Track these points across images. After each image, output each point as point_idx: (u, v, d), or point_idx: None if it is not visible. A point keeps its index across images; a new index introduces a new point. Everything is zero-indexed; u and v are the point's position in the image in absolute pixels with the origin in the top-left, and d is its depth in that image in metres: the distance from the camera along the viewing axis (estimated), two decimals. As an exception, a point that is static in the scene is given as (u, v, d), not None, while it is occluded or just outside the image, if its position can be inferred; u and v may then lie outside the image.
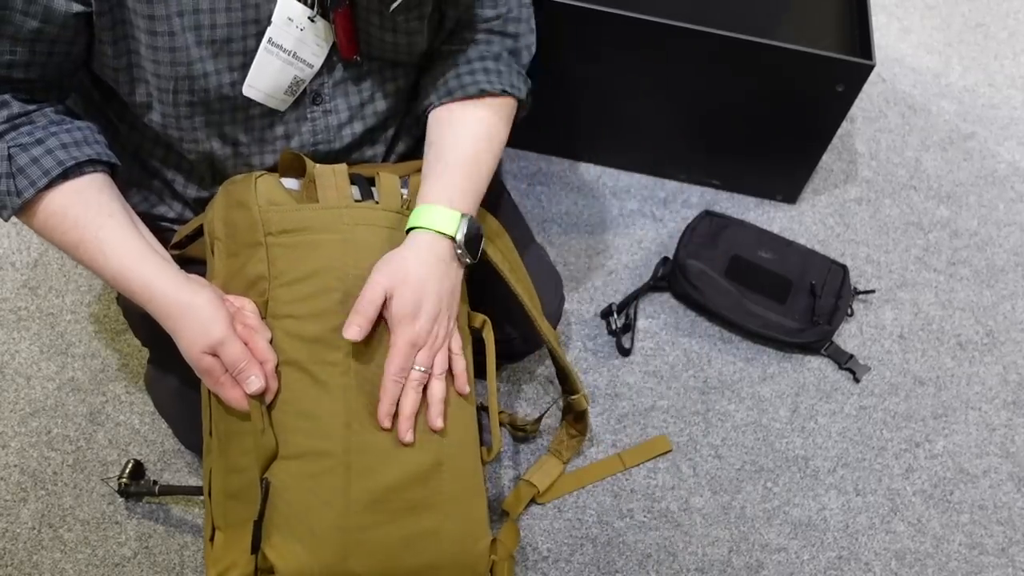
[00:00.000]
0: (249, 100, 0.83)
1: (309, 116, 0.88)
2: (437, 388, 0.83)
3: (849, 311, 1.30)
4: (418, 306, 0.81)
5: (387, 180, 0.90)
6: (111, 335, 1.19)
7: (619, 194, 1.43)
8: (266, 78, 0.81)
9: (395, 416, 0.81)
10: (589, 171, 1.46)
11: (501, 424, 1.13)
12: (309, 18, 0.80)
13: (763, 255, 1.32)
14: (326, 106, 0.88)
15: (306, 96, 0.86)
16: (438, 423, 0.82)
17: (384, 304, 0.81)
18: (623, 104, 1.34)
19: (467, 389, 0.86)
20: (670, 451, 1.16)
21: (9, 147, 0.77)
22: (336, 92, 0.88)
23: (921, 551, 1.12)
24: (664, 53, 1.24)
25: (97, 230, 0.79)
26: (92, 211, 0.79)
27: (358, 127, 0.91)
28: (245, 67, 0.80)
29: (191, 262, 0.88)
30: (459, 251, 0.85)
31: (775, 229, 1.41)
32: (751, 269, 1.30)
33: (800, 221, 1.43)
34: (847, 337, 1.30)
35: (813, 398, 1.23)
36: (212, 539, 0.80)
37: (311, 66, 0.83)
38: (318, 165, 0.88)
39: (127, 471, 1.05)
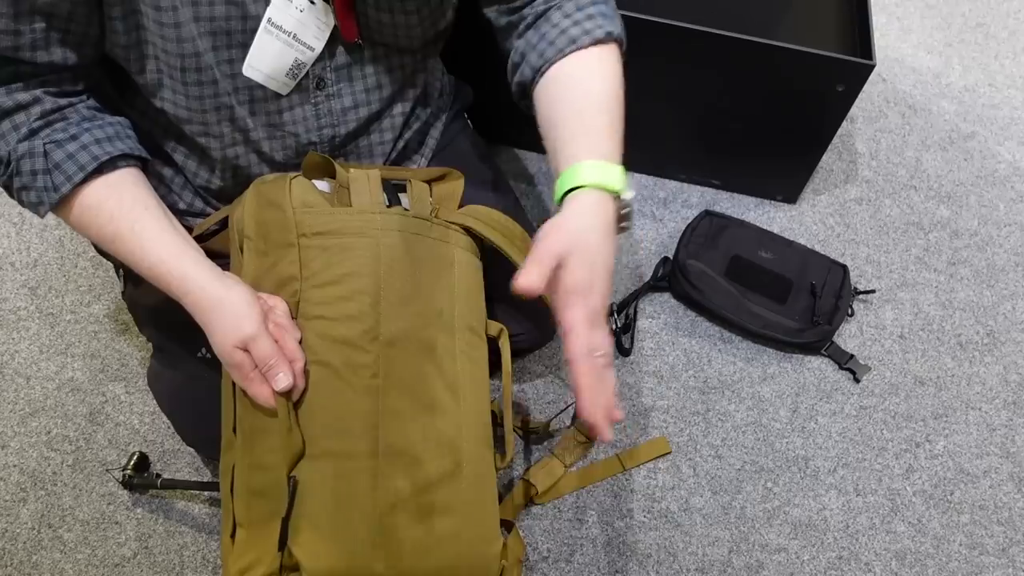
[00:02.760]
0: (251, 82, 0.83)
1: (313, 101, 0.88)
2: (610, 377, 0.72)
3: (849, 311, 1.30)
4: (593, 276, 0.71)
5: (418, 187, 0.91)
6: (111, 335, 1.19)
7: (619, 194, 1.43)
8: (266, 59, 0.82)
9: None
10: (589, 171, 1.46)
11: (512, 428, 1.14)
12: (309, 0, 0.80)
13: (763, 255, 1.32)
14: (329, 91, 0.88)
15: (309, 80, 0.86)
16: (618, 414, 0.73)
17: (560, 278, 0.71)
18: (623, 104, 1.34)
19: (619, 415, 0.74)
20: (669, 453, 1.16)
21: (44, 143, 0.78)
22: (339, 77, 0.88)
23: (921, 551, 1.12)
24: (664, 53, 1.24)
25: (132, 223, 0.80)
26: (127, 205, 0.80)
27: (363, 112, 0.92)
28: (245, 47, 0.81)
29: (212, 256, 0.89)
30: (625, 211, 0.76)
31: (775, 229, 1.40)
32: (751, 269, 1.30)
33: (800, 221, 1.43)
34: (847, 337, 1.30)
35: (813, 398, 1.23)
36: (233, 535, 0.80)
37: (312, 49, 0.83)
38: (352, 169, 0.89)
39: (132, 463, 1.05)
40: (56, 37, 0.76)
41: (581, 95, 0.81)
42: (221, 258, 0.87)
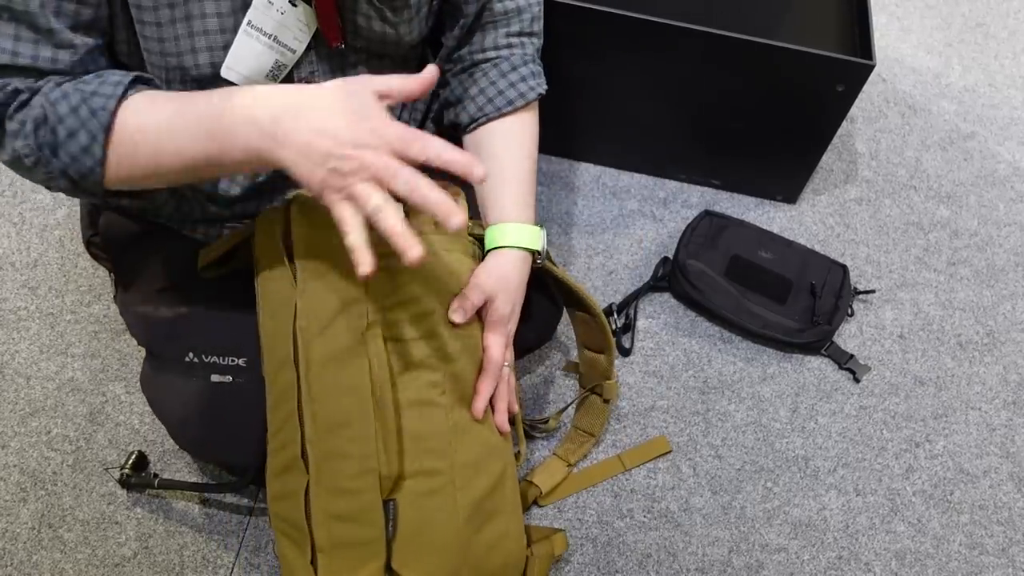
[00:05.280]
0: (236, 85, 0.82)
1: None
2: (507, 389, 0.91)
3: (849, 311, 1.30)
4: (513, 309, 0.89)
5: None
6: (111, 335, 1.19)
7: (619, 194, 1.43)
8: (245, 62, 0.81)
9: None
10: (589, 171, 1.46)
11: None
12: (290, 2, 0.79)
13: (763, 255, 1.32)
14: None
15: (295, 84, 0.86)
16: (505, 427, 0.90)
17: (488, 309, 0.88)
18: (623, 104, 1.34)
19: (507, 428, 0.92)
20: (670, 452, 1.16)
21: (74, 85, 0.73)
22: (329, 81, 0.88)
23: (921, 551, 1.12)
24: (664, 53, 1.24)
25: (190, 95, 0.74)
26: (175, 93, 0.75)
27: None
28: (227, 49, 0.80)
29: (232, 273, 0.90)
30: (539, 261, 0.93)
31: (775, 229, 1.40)
32: (751, 269, 1.30)
33: (800, 221, 1.43)
34: (847, 337, 1.30)
35: (813, 398, 1.23)
36: (313, 562, 0.79)
37: (293, 51, 0.83)
38: None
39: (130, 462, 1.05)
40: (88, 15, 0.74)
41: (510, 160, 0.94)
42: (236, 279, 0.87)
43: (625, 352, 1.24)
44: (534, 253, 0.92)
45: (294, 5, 0.80)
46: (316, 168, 0.67)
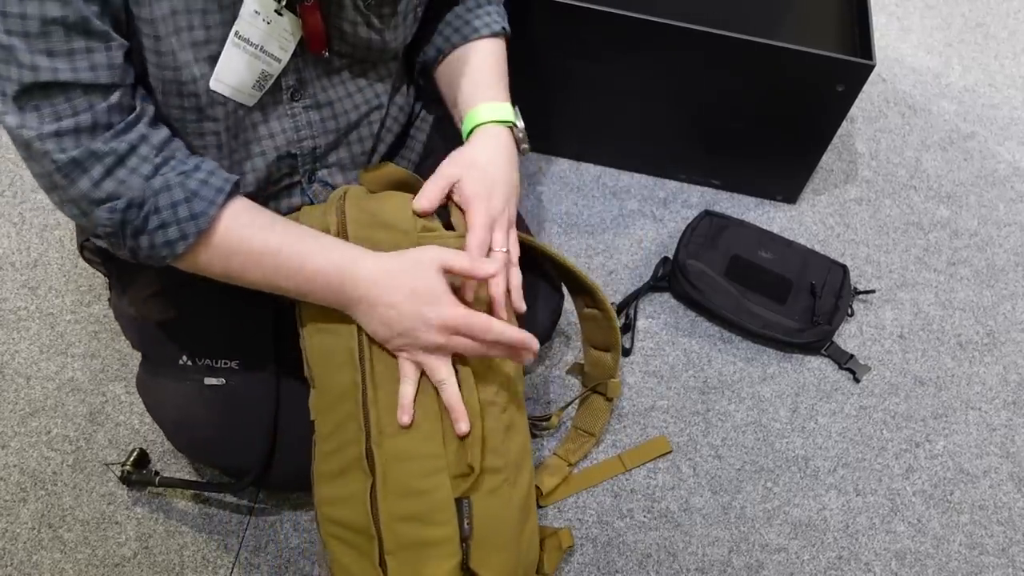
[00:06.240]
0: (223, 97, 0.81)
1: (289, 112, 0.87)
2: (515, 274, 0.88)
3: (849, 311, 1.30)
4: (490, 187, 0.86)
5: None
6: (111, 335, 1.19)
7: (619, 194, 1.43)
8: (233, 72, 0.80)
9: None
10: (589, 171, 1.46)
11: None
12: (276, 11, 0.79)
13: (763, 255, 1.32)
14: (305, 101, 0.87)
15: (283, 92, 0.86)
16: (522, 306, 0.88)
17: (456, 191, 0.86)
18: (623, 104, 1.34)
19: (523, 306, 0.89)
20: (670, 452, 1.16)
21: (176, 175, 0.75)
22: (315, 88, 0.87)
23: (921, 551, 1.12)
24: (664, 53, 1.24)
25: (290, 224, 0.81)
26: (271, 213, 0.81)
27: (342, 122, 0.91)
28: (215, 62, 0.80)
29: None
30: (520, 135, 0.91)
31: (775, 229, 1.40)
32: (751, 269, 1.30)
33: (800, 221, 1.43)
34: (847, 337, 1.30)
35: (813, 398, 1.23)
36: (382, 564, 0.79)
37: (278, 60, 0.82)
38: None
39: (131, 459, 1.05)
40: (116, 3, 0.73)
41: (477, 68, 0.94)
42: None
43: (625, 352, 1.24)
44: (512, 129, 0.91)
45: (280, 15, 0.79)
46: (392, 337, 0.79)
